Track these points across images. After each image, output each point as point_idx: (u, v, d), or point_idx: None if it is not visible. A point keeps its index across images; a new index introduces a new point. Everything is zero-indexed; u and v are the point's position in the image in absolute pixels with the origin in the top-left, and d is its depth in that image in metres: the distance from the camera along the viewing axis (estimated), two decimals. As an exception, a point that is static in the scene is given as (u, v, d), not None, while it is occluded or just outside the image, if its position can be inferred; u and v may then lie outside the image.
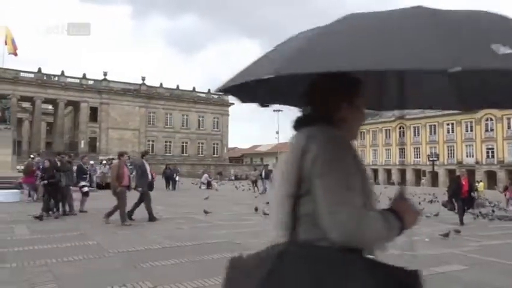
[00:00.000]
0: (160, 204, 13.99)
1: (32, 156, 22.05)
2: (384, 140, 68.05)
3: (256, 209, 12.25)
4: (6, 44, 46.10)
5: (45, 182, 10.08)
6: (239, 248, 6.67)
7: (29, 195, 15.29)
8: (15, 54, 47.13)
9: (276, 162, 65.50)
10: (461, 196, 11.26)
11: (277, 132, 67.67)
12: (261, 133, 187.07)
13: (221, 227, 9.16)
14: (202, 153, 63.70)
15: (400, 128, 65.80)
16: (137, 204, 9.79)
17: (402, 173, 64.32)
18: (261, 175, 26.50)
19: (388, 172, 66.74)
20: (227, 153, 68.95)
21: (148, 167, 10.18)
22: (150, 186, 10.25)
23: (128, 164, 27.73)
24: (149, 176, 10.20)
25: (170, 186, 25.46)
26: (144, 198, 9.81)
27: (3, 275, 4.80)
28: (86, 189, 11.91)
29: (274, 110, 66.58)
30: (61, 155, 11.96)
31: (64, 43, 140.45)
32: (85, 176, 12.17)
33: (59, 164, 10.90)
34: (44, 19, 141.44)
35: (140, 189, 9.75)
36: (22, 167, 18.38)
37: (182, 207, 13.96)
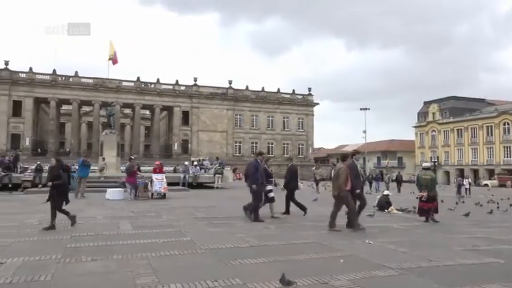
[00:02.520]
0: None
1: (132, 157, 24.11)
2: (485, 138, 62.00)
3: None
4: (110, 58, 51.00)
5: (50, 184, 8.39)
6: (326, 249, 6.59)
7: (130, 193, 16.61)
8: (114, 63, 51.85)
9: (363, 162, 62.95)
10: None
11: (364, 131, 65.54)
12: (347, 132, 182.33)
13: (308, 228, 9.11)
14: (287, 154, 64.01)
15: (504, 124, 59.42)
16: (360, 208, 9.25)
17: (509, 173, 58.00)
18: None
19: (490, 172, 60.67)
20: (312, 153, 68.42)
21: (360, 168, 9.59)
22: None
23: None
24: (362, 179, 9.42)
25: None
26: (360, 200, 9.23)
27: (111, 266, 5.33)
28: (272, 194, 10.72)
29: (361, 109, 64.83)
30: (262, 155, 10.87)
31: (157, 52, 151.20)
32: (271, 179, 11.07)
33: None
34: (142, 31, 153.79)
35: (358, 191, 9.11)
36: (124, 167, 20.19)
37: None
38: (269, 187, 10.60)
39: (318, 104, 67.79)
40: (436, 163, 59.98)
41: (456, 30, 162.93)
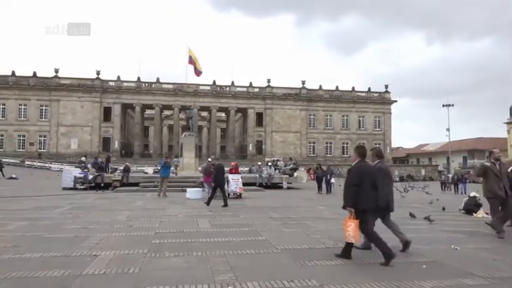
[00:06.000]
0: (322, 205, 14.19)
1: (209, 159, 25.03)
2: None
3: (411, 215, 11.28)
4: (190, 63, 53.20)
5: None
6: (407, 254, 6.29)
7: (208, 193, 17.20)
8: (198, 74, 53.72)
9: (446, 162, 58.90)
10: None
11: (447, 129, 61.39)
12: (428, 131, 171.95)
13: (384, 231, 8.74)
14: (363, 154, 62.14)
15: None
16: None
17: None
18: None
19: None
20: (390, 153, 65.60)
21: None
22: None
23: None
24: None
25: (324, 189, 21.99)
26: None
27: (192, 262, 5.60)
28: None
29: (443, 105, 60.82)
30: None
31: (233, 55, 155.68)
32: None
33: None
34: (217, 36, 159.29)
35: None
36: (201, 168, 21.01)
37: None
38: None
39: (395, 101, 64.94)
40: (533, 163, 54.06)
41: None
